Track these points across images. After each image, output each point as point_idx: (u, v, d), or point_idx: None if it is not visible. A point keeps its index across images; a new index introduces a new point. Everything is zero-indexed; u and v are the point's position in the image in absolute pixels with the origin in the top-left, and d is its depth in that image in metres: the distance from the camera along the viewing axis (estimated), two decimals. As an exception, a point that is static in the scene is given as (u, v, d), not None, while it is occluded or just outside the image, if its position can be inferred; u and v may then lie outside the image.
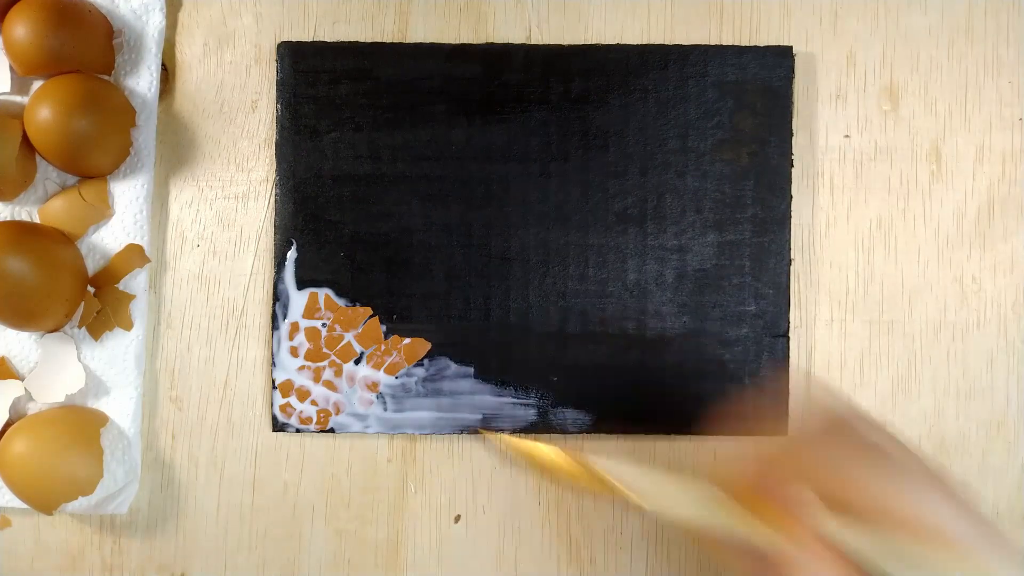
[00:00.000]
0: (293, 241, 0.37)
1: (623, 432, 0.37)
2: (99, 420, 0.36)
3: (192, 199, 0.38)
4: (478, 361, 0.37)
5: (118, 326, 0.37)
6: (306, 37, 0.38)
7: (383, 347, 0.37)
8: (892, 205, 0.38)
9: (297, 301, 0.37)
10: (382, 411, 0.37)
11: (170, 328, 0.38)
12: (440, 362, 0.37)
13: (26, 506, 0.35)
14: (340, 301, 0.37)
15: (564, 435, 0.37)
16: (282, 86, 0.37)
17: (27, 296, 0.34)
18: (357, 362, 0.37)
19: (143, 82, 0.37)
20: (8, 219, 0.37)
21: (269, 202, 0.38)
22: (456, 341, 0.37)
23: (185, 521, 0.37)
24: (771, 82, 0.37)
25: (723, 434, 0.36)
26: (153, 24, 0.37)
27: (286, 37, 0.38)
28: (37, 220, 0.37)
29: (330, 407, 0.37)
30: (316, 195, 0.36)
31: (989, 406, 0.37)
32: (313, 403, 0.37)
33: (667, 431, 0.37)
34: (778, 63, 0.37)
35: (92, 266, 0.37)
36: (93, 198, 0.37)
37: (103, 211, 0.37)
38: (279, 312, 0.37)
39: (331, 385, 0.37)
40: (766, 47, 0.37)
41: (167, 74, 0.38)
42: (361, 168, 0.37)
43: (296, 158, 0.37)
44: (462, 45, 0.37)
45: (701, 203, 0.37)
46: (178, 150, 0.38)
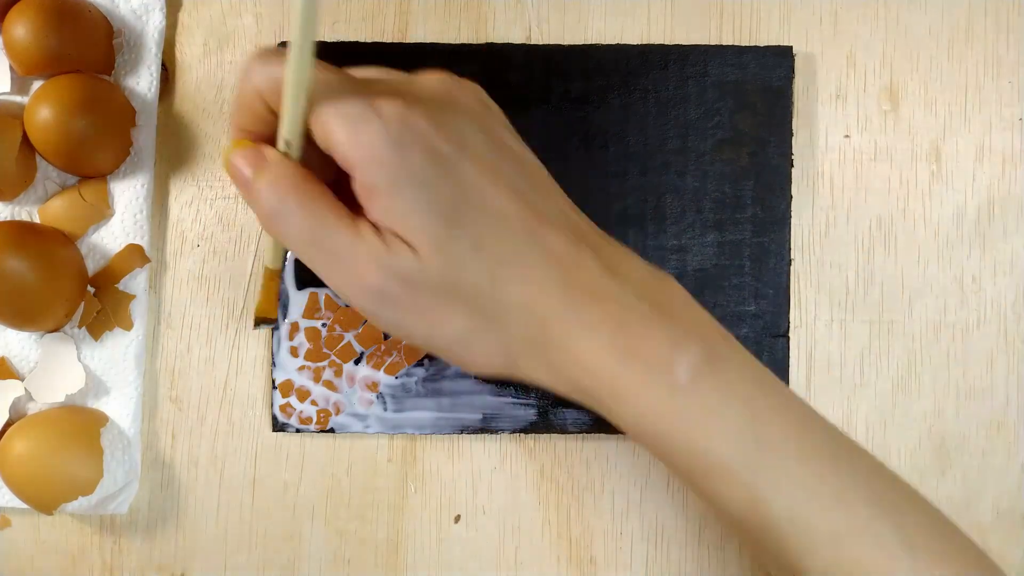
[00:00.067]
0: (293, 241, 0.37)
1: (623, 432, 0.37)
2: (99, 420, 0.36)
3: (192, 199, 0.38)
4: (478, 361, 0.37)
5: (118, 326, 0.37)
6: (306, 37, 0.38)
7: (383, 347, 0.37)
8: (892, 205, 0.38)
9: (297, 301, 0.37)
10: (382, 411, 0.37)
11: (170, 328, 0.38)
12: (440, 362, 0.37)
13: (26, 506, 0.35)
14: (340, 301, 0.37)
15: (564, 435, 0.37)
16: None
17: (27, 296, 0.34)
18: (357, 362, 0.37)
19: (143, 82, 0.37)
20: (8, 219, 0.37)
21: (269, 202, 0.38)
22: (456, 341, 0.37)
23: (185, 521, 0.37)
24: (771, 82, 0.37)
25: None
26: (153, 24, 0.37)
27: (286, 37, 0.38)
28: (37, 220, 0.37)
29: (330, 407, 0.37)
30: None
31: (989, 406, 0.37)
32: (313, 403, 0.37)
33: (667, 431, 0.37)
34: (778, 63, 0.37)
35: (92, 266, 0.37)
36: (93, 198, 0.37)
37: (103, 211, 0.37)
38: (279, 312, 0.37)
39: (331, 385, 0.37)
40: (766, 47, 0.37)
41: (167, 74, 0.38)
42: (361, 168, 0.37)
43: (296, 158, 0.37)
44: (462, 45, 0.37)
45: (701, 203, 0.37)
46: (178, 150, 0.38)
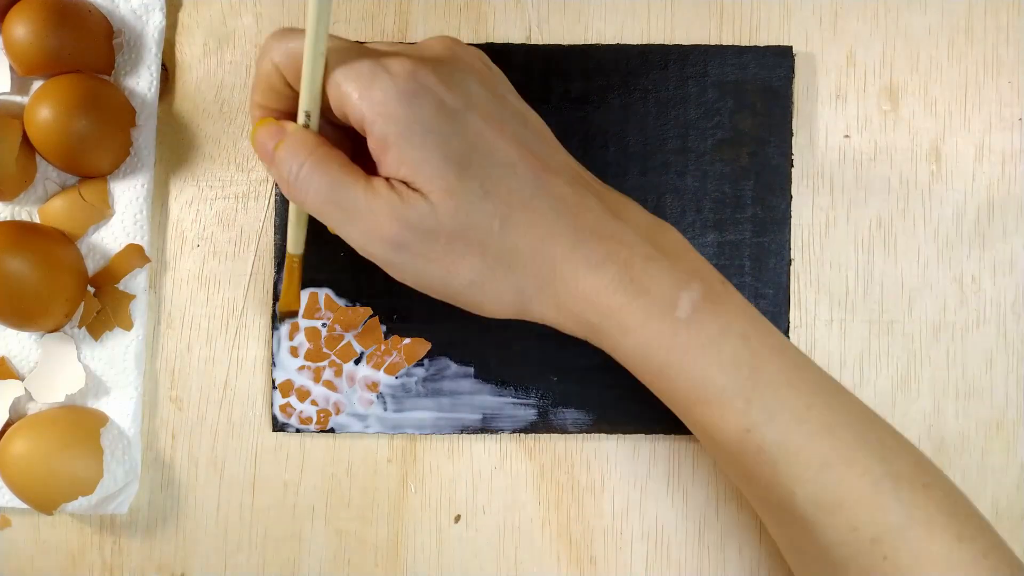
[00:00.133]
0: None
1: (623, 432, 0.37)
2: (99, 420, 0.36)
3: (192, 199, 0.38)
4: (478, 361, 0.37)
5: (118, 326, 0.37)
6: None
7: (383, 347, 0.37)
8: (892, 205, 0.38)
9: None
10: (382, 411, 0.37)
11: (170, 328, 0.38)
12: (440, 362, 0.37)
13: (26, 506, 0.35)
14: (340, 301, 0.37)
15: (564, 435, 0.37)
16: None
17: (27, 296, 0.34)
18: (357, 362, 0.37)
19: (143, 82, 0.37)
20: (8, 219, 0.37)
21: (269, 202, 0.38)
22: (456, 341, 0.37)
23: (185, 521, 0.37)
24: (771, 82, 0.37)
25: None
26: (153, 24, 0.37)
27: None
28: (37, 220, 0.37)
29: (330, 407, 0.37)
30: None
31: (988, 406, 0.37)
32: (313, 403, 0.37)
33: (667, 431, 0.37)
34: (778, 63, 0.37)
35: (92, 266, 0.37)
36: (93, 198, 0.37)
37: (103, 211, 0.37)
38: (277, 313, 0.37)
39: (331, 385, 0.37)
40: (766, 47, 0.37)
41: (167, 74, 0.38)
42: (361, 168, 0.37)
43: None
44: (462, 45, 0.37)
45: (701, 203, 0.37)
46: (178, 150, 0.38)
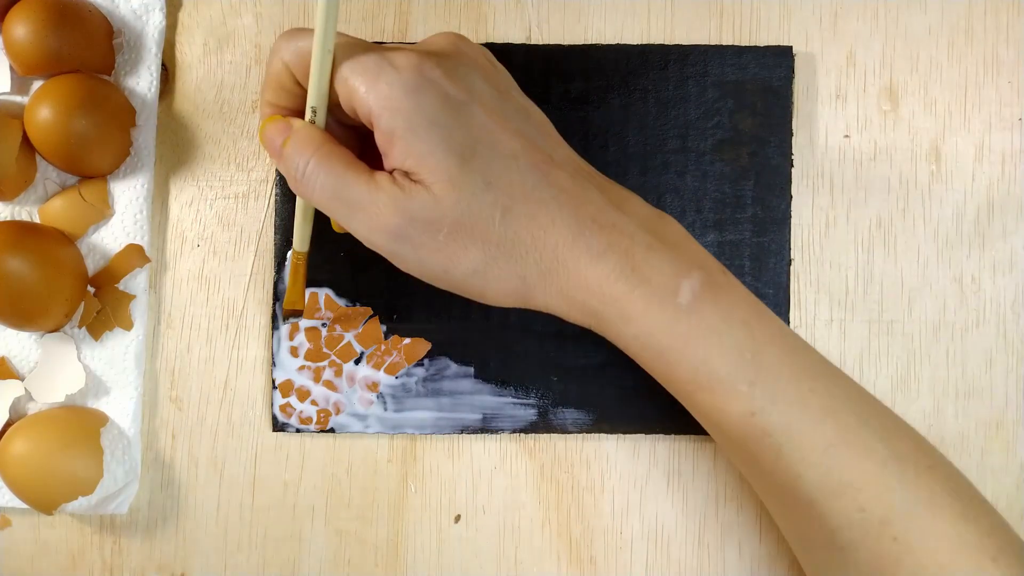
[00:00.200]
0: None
1: (623, 432, 0.37)
2: (99, 420, 0.36)
3: (192, 199, 0.38)
4: (478, 361, 0.37)
5: (118, 326, 0.37)
6: (306, 37, 0.38)
7: (383, 347, 0.37)
8: (892, 205, 0.38)
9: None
10: (382, 411, 0.37)
11: (170, 328, 0.38)
12: (440, 362, 0.37)
13: (26, 506, 0.35)
14: (340, 301, 0.37)
15: (564, 435, 0.37)
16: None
17: (27, 296, 0.34)
18: (357, 362, 0.37)
19: (143, 82, 0.37)
20: (8, 219, 0.37)
21: (269, 202, 0.38)
22: (456, 341, 0.37)
23: (185, 521, 0.37)
24: (771, 82, 0.37)
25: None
26: (153, 24, 0.37)
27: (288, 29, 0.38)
28: (37, 220, 0.37)
29: (330, 407, 0.37)
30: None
31: (988, 406, 0.37)
32: (313, 403, 0.37)
33: (667, 431, 0.37)
34: (778, 63, 0.37)
35: (92, 266, 0.37)
36: (93, 198, 0.37)
37: (103, 211, 0.37)
38: (279, 312, 0.37)
39: (331, 385, 0.37)
40: (766, 47, 0.37)
41: (167, 74, 0.38)
42: (361, 168, 0.37)
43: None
44: (462, 45, 0.37)
45: (701, 203, 0.37)
46: (178, 150, 0.38)
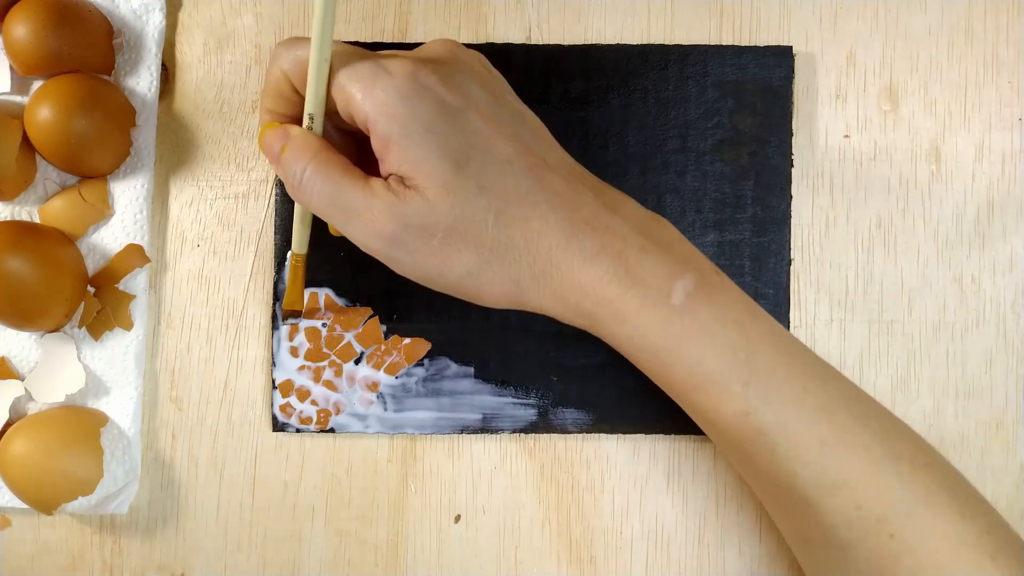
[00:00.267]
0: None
1: (623, 432, 0.37)
2: (99, 420, 0.36)
3: (192, 199, 0.38)
4: (478, 361, 0.37)
5: (118, 326, 0.37)
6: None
7: (383, 347, 0.37)
8: (892, 205, 0.38)
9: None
10: (382, 411, 0.37)
11: (170, 328, 0.38)
12: (440, 362, 0.37)
13: (26, 506, 0.35)
14: (340, 301, 0.37)
15: (564, 435, 0.37)
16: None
17: (27, 296, 0.34)
18: (357, 362, 0.37)
19: (143, 82, 0.37)
20: (8, 219, 0.37)
21: (269, 202, 0.38)
22: (456, 341, 0.37)
23: (185, 521, 0.37)
24: (771, 82, 0.37)
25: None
26: (153, 24, 0.37)
27: (286, 37, 0.38)
28: (37, 220, 0.37)
29: (330, 407, 0.37)
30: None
31: (988, 406, 0.37)
32: (313, 403, 0.37)
33: (667, 431, 0.37)
34: (778, 63, 0.37)
35: (92, 266, 0.37)
36: (93, 198, 0.37)
37: (103, 211, 0.37)
38: (279, 312, 0.37)
39: (331, 385, 0.37)
40: (766, 47, 0.37)
41: (167, 74, 0.38)
42: (361, 168, 0.37)
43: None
44: (462, 45, 0.37)
45: (701, 203, 0.37)
46: (178, 150, 0.38)
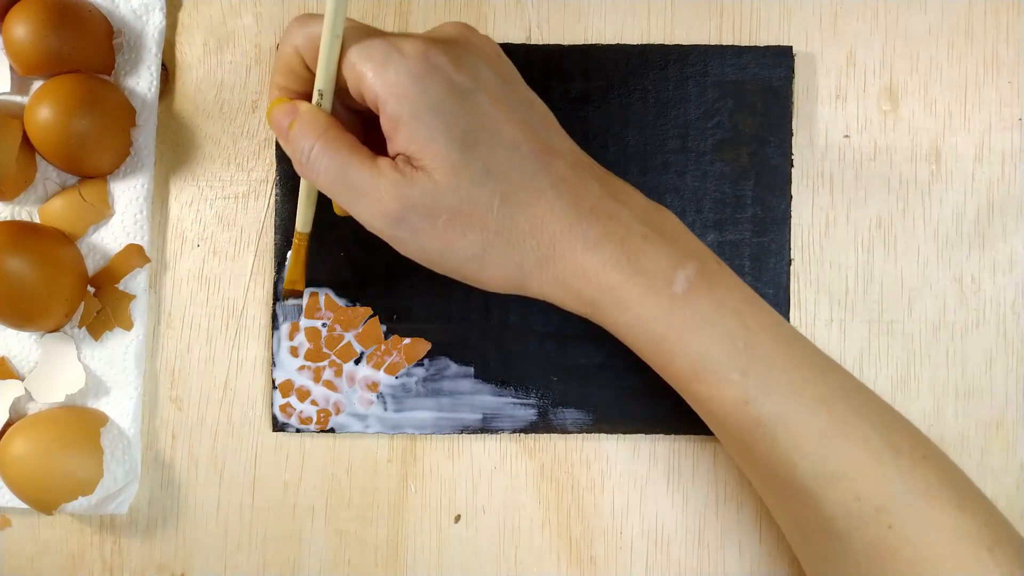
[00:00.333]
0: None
1: (623, 432, 0.37)
2: (99, 420, 0.36)
3: (192, 199, 0.38)
4: (478, 361, 0.37)
5: (118, 326, 0.37)
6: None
7: (383, 347, 0.37)
8: (892, 205, 0.38)
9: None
10: (382, 411, 0.37)
11: (170, 328, 0.38)
12: (440, 362, 0.37)
13: (26, 506, 0.35)
14: (340, 301, 0.37)
15: (564, 435, 0.37)
16: (282, 86, 0.37)
17: (27, 296, 0.34)
18: (357, 362, 0.37)
19: (143, 82, 0.37)
20: (8, 219, 0.37)
21: (269, 202, 0.38)
22: (456, 341, 0.37)
23: (185, 521, 0.37)
24: (771, 82, 0.37)
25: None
26: (153, 24, 0.37)
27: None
28: (37, 220, 0.37)
29: (330, 407, 0.37)
30: (316, 194, 0.36)
31: (988, 405, 0.37)
32: (313, 403, 0.37)
33: (667, 431, 0.37)
34: (778, 63, 0.37)
35: (92, 266, 0.37)
36: (93, 198, 0.37)
37: (103, 211, 0.37)
38: (279, 312, 0.37)
39: (331, 385, 0.37)
40: (766, 47, 0.37)
41: (167, 74, 0.38)
42: (361, 168, 0.37)
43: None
44: (462, 45, 0.37)
45: (701, 203, 0.37)
46: (178, 150, 0.38)
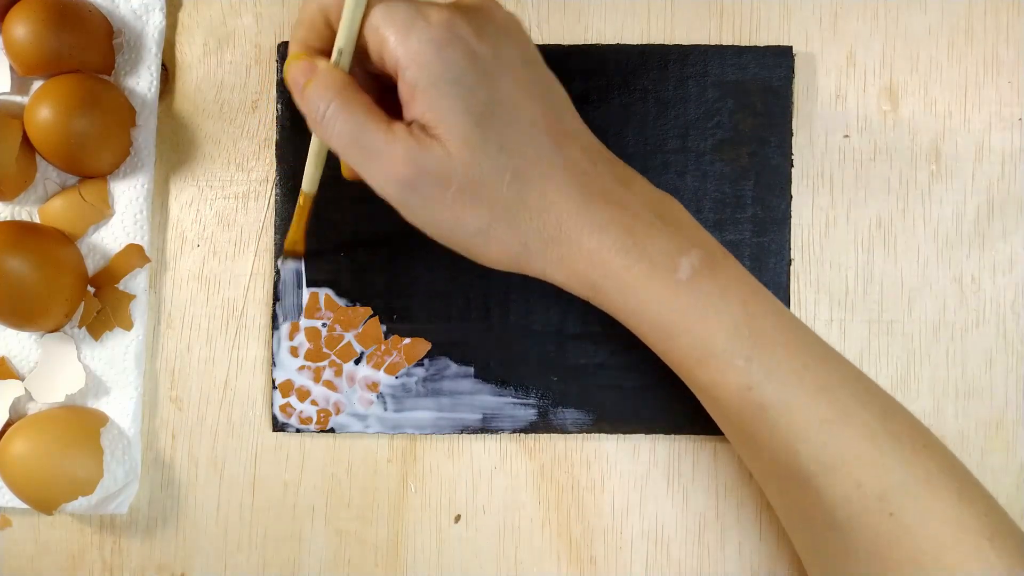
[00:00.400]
0: (293, 241, 0.37)
1: (623, 432, 0.37)
2: (99, 420, 0.36)
3: (192, 199, 0.38)
4: (478, 361, 0.37)
5: (118, 326, 0.37)
6: (306, 37, 0.38)
7: (383, 347, 0.37)
8: (892, 205, 0.38)
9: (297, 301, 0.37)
10: (382, 411, 0.37)
11: (170, 328, 0.38)
12: (440, 362, 0.37)
13: (26, 506, 0.36)
14: (340, 301, 0.37)
15: (564, 435, 0.37)
16: (282, 86, 0.37)
17: (27, 296, 0.34)
18: (357, 362, 0.37)
19: (143, 82, 0.37)
20: (8, 219, 0.37)
21: (269, 202, 0.38)
22: (456, 341, 0.37)
23: (185, 521, 0.37)
24: (771, 82, 0.37)
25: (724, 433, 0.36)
26: (153, 24, 0.37)
27: (286, 37, 0.38)
28: (37, 220, 0.37)
29: (330, 407, 0.37)
30: (317, 196, 0.36)
31: (988, 406, 0.37)
32: (313, 403, 0.37)
33: (667, 431, 0.37)
34: (778, 63, 0.37)
35: (92, 266, 0.37)
36: (93, 198, 0.37)
37: (103, 211, 0.37)
38: (279, 312, 0.37)
39: (331, 385, 0.37)
40: (766, 47, 0.37)
41: (167, 74, 0.38)
42: (361, 168, 0.37)
43: (296, 158, 0.37)
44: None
45: (701, 203, 0.37)
46: (178, 150, 0.38)
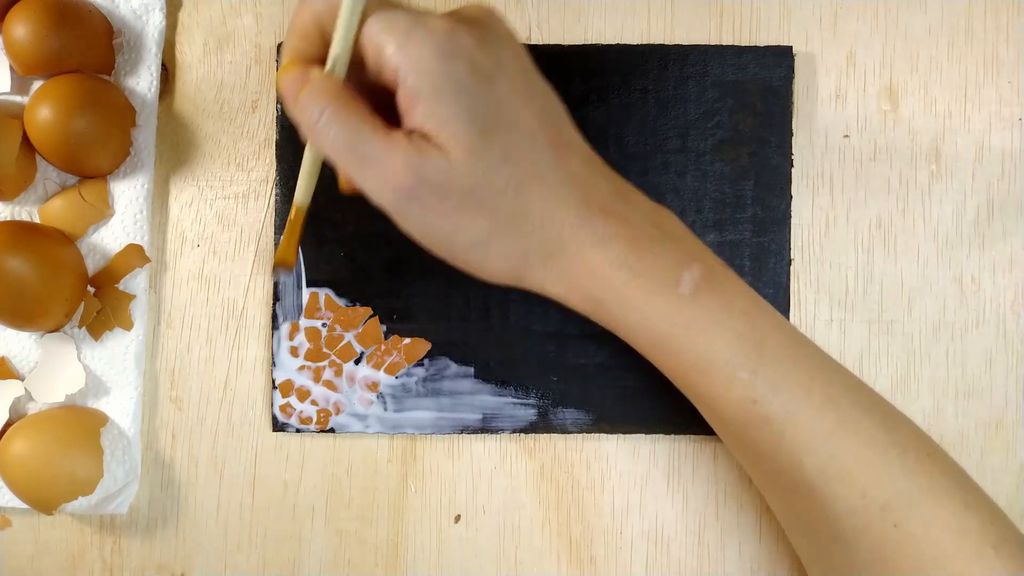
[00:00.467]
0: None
1: (623, 432, 0.37)
2: (99, 420, 0.36)
3: (192, 199, 0.38)
4: (478, 361, 0.37)
5: (118, 326, 0.37)
6: (306, 37, 0.38)
7: (383, 347, 0.37)
8: (892, 205, 0.38)
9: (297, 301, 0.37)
10: (382, 411, 0.37)
11: (170, 328, 0.38)
12: (440, 362, 0.37)
13: (26, 506, 0.36)
14: (340, 301, 0.37)
15: (564, 435, 0.37)
16: (282, 86, 0.37)
17: (27, 296, 0.34)
18: (357, 362, 0.37)
19: (143, 82, 0.37)
20: (8, 219, 0.37)
21: (269, 202, 0.38)
22: (456, 341, 0.37)
23: (185, 521, 0.37)
24: (771, 82, 0.37)
25: None
26: (153, 24, 0.37)
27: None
28: (37, 220, 0.37)
29: (330, 407, 0.37)
30: (316, 194, 0.36)
31: (988, 406, 0.37)
32: (313, 403, 0.37)
33: (667, 431, 0.37)
34: (778, 63, 0.37)
35: (92, 266, 0.37)
36: (93, 198, 0.37)
37: (103, 211, 0.37)
38: (279, 312, 0.37)
39: (331, 385, 0.37)
40: (766, 47, 0.37)
41: (167, 74, 0.38)
42: (361, 168, 0.37)
43: (296, 158, 0.37)
44: (462, 45, 0.37)
45: (701, 203, 0.37)
46: (178, 150, 0.38)
